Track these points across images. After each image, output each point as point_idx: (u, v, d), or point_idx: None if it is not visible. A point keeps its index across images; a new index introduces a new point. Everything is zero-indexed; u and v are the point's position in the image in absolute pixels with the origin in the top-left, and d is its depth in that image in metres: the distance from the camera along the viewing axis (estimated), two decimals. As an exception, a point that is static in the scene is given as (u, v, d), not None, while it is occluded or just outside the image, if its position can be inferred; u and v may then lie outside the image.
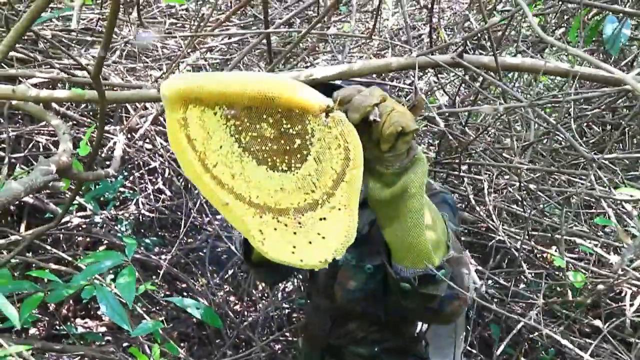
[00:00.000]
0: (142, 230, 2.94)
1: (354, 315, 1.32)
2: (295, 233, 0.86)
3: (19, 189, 1.07)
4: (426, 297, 0.95)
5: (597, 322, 1.42)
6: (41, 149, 2.37)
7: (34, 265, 2.12)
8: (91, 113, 2.56)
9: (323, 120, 0.85)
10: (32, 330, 2.43)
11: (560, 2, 1.71)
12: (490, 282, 1.80)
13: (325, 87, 1.35)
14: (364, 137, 0.84)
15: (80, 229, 2.37)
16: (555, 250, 1.73)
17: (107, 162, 2.59)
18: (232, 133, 0.90)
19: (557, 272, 1.64)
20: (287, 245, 0.85)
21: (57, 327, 2.38)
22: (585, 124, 2.26)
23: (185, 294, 2.78)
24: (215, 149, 0.89)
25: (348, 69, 1.35)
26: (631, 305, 1.43)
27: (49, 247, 1.96)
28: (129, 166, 2.61)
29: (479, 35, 1.92)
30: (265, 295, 2.89)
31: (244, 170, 0.90)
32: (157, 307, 2.65)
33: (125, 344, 2.43)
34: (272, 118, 0.88)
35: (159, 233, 2.97)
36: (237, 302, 2.84)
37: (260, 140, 0.89)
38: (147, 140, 2.36)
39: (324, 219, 0.86)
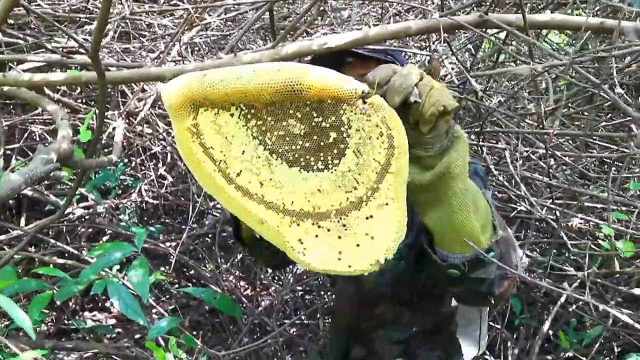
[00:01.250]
0: (146, 218, 2.87)
1: (383, 298, 1.25)
2: (340, 237, 0.77)
3: (19, 180, 0.98)
4: (476, 281, 0.89)
5: (637, 291, 1.36)
6: (37, 139, 2.27)
7: (37, 260, 2.05)
8: (86, 99, 2.46)
9: (360, 107, 0.75)
10: (41, 326, 2.37)
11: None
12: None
13: (332, 59, 1.26)
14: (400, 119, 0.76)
15: (83, 220, 2.28)
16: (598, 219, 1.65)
17: (105, 150, 2.50)
18: (255, 135, 0.80)
19: (582, 242, 1.57)
20: (332, 252, 0.76)
21: (66, 322, 2.31)
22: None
23: (194, 280, 2.72)
24: (237, 155, 0.79)
25: (364, 36, 1.26)
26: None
27: (52, 241, 1.87)
28: (129, 152, 2.52)
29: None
30: (276, 278, 2.83)
31: (273, 175, 0.80)
32: (167, 296, 2.59)
33: (137, 336, 2.37)
34: (300, 112, 0.78)
35: (163, 220, 2.89)
36: (247, 286, 2.78)
37: (289, 138, 0.79)
38: (147, 125, 2.26)
39: (371, 217, 0.77)
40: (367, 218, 0.77)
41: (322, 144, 0.79)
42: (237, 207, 0.79)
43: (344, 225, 0.78)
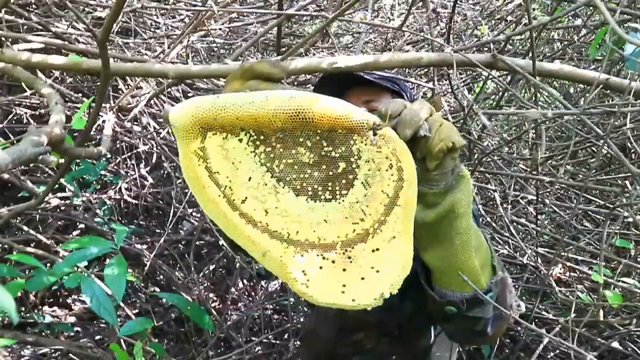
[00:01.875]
0: (120, 217, 2.79)
1: (365, 325, 1.23)
2: (344, 270, 0.75)
3: (6, 159, 0.94)
4: (472, 319, 0.88)
5: (615, 344, 1.36)
6: (22, 123, 2.21)
7: (7, 246, 1.97)
8: (76, 89, 2.41)
9: (371, 139, 0.74)
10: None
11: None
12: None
13: (337, 83, 1.26)
14: None
15: (58, 210, 2.21)
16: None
17: (91, 143, 2.44)
18: (263, 161, 0.78)
19: (567, 289, 1.58)
20: (336, 285, 0.74)
21: (24, 315, 2.21)
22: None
23: (162, 285, 2.64)
24: (244, 181, 0.78)
25: (374, 60, 1.26)
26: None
27: (25, 228, 1.80)
28: (113, 148, 2.46)
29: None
30: (246, 294, 2.77)
31: (279, 203, 0.78)
32: (133, 299, 2.51)
33: (97, 337, 2.28)
34: (310, 141, 0.77)
35: (137, 221, 2.82)
36: (216, 299, 2.71)
37: (297, 167, 0.78)
38: (137, 122, 2.22)
39: (377, 250, 0.75)
40: (373, 251, 0.75)
41: (330, 173, 0.78)
42: (239, 235, 0.77)
43: (349, 258, 0.76)
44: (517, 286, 1.81)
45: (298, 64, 1.28)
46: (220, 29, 2.30)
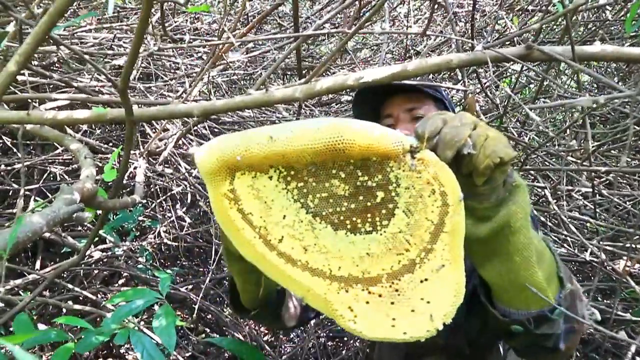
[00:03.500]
0: (163, 260, 2.79)
1: (433, 349, 1.15)
2: (393, 303, 0.70)
3: (40, 223, 0.92)
4: (541, 337, 0.81)
5: None
6: (56, 180, 2.23)
7: (51, 305, 1.96)
8: (105, 140, 2.43)
9: (409, 164, 0.70)
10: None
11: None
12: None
13: (374, 94, 1.21)
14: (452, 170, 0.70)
15: (101, 263, 2.21)
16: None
17: (123, 191, 2.45)
18: (296, 197, 0.74)
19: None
20: (385, 319, 0.69)
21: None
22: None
23: (212, 325, 2.61)
24: (278, 220, 0.74)
25: (402, 70, 1.19)
26: None
27: (69, 285, 1.80)
28: (147, 193, 2.47)
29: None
30: (298, 323, 2.71)
31: (317, 239, 0.74)
32: (185, 342, 2.48)
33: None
34: (344, 171, 0.72)
35: (180, 262, 2.81)
36: (267, 332, 2.66)
37: (333, 200, 0.74)
38: (167, 165, 2.22)
39: (426, 280, 0.70)
40: (421, 281, 0.70)
41: (369, 204, 0.73)
42: (280, 275, 0.72)
43: (397, 290, 0.71)
44: (583, 285, 1.70)
45: (324, 85, 1.23)
46: (238, 61, 2.29)
